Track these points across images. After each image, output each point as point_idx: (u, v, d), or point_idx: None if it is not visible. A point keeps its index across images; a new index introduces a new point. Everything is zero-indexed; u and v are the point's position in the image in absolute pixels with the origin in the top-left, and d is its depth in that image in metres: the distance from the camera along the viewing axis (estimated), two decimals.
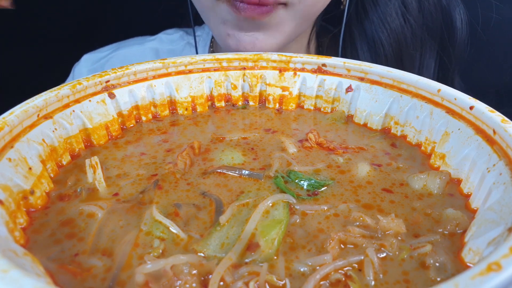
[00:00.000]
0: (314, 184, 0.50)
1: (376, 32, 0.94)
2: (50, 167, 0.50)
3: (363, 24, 0.96)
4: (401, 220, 0.43)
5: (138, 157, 0.56)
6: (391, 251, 0.41)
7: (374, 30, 0.94)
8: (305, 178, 0.51)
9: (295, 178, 0.51)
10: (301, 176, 0.51)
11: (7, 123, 0.45)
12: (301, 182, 0.50)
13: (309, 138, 0.59)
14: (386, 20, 0.93)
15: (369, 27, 0.95)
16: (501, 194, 0.42)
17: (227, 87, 0.70)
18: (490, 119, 0.47)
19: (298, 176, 0.51)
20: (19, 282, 0.28)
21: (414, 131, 0.59)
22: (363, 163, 0.54)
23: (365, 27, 0.96)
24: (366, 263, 0.39)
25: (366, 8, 0.95)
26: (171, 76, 0.66)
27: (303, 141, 0.59)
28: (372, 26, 0.94)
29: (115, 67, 0.62)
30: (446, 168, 0.53)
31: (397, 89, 0.61)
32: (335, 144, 0.59)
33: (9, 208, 0.41)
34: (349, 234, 0.42)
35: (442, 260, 0.39)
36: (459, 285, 0.27)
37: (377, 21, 0.94)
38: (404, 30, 0.94)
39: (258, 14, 0.74)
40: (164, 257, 0.38)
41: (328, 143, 0.59)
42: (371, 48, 0.95)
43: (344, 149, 0.58)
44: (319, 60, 0.67)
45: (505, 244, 0.31)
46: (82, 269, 0.38)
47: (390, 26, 0.93)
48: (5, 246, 0.35)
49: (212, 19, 0.82)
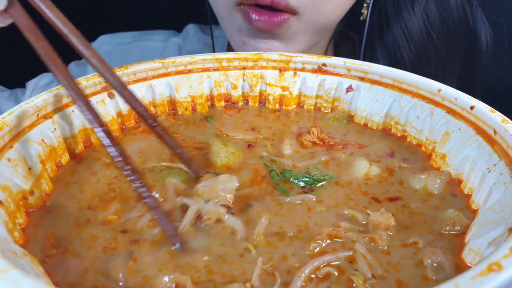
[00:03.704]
0: (308, 181, 0.51)
1: (399, 48, 0.89)
2: (49, 167, 0.50)
3: (385, 38, 0.91)
4: (390, 213, 0.44)
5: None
6: (380, 244, 0.41)
7: (397, 45, 0.89)
8: (299, 177, 0.51)
9: (289, 176, 0.51)
10: (295, 175, 0.51)
11: (7, 123, 0.45)
12: (295, 180, 0.51)
13: (312, 132, 0.60)
14: (410, 37, 0.88)
15: (391, 42, 0.90)
16: (501, 194, 0.42)
17: (227, 87, 0.70)
18: (490, 119, 0.47)
19: (293, 174, 0.51)
20: (19, 282, 0.28)
21: (414, 131, 0.59)
22: (362, 160, 0.54)
23: (387, 41, 0.90)
24: (358, 257, 0.39)
25: (390, 21, 0.90)
26: (170, 76, 0.66)
27: (303, 135, 0.60)
28: (395, 41, 0.89)
29: (135, 62, 0.63)
30: (446, 168, 0.52)
31: (398, 89, 0.61)
32: (336, 140, 0.60)
33: (9, 208, 0.41)
34: (338, 229, 0.43)
35: (439, 260, 0.39)
36: (460, 285, 0.27)
37: (400, 37, 0.88)
38: (428, 49, 0.88)
39: (270, 27, 0.73)
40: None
41: (330, 139, 0.59)
42: (391, 64, 0.90)
43: (344, 145, 0.59)
44: (319, 59, 0.67)
45: (506, 244, 0.31)
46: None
47: (413, 43, 0.88)
48: (4, 246, 0.35)
49: (228, 26, 0.81)
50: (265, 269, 0.38)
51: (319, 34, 0.82)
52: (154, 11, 1.30)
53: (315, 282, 0.37)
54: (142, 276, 0.38)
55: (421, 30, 0.87)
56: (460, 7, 0.87)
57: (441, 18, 0.87)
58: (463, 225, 0.43)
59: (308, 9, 0.73)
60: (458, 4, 0.87)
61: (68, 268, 0.39)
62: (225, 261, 0.40)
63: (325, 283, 0.37)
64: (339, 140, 0.60)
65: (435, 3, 0.87)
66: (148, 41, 1.13)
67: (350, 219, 0.45)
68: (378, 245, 0.41)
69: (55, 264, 0.39)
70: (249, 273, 0.38)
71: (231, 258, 0.40)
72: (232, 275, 0.38)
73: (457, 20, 0.88)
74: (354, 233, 0.43)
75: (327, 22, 0.79)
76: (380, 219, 0.43)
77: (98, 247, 0.41)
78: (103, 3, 1.24)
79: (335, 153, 0.57)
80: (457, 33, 0.89)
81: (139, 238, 0.42)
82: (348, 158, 0.56)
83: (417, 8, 0.87)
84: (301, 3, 0.72)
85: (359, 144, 0.59)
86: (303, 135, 0.60)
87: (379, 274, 0.38)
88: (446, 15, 0.87)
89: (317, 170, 0.52)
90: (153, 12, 1.30)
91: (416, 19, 0.87)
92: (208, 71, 0.68)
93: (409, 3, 0.87)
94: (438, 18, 0.87)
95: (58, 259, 0.39)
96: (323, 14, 0.76)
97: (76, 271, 0.38)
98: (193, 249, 0.41)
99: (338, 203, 0.48)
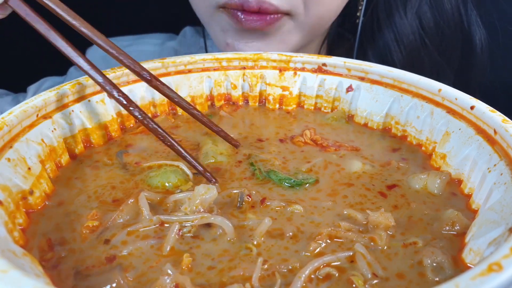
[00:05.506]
0: (293, 183, 0.50)
1: (389, 52, 0.87)
2: (49, 167, 0.50)
3: (376, 42, 0.89)
4: (389, 214, 0.44)
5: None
6: (380, 244, 0.41)
7: (388, 49, 0.87)
8: (284, 178, 0.51)
9: (274, 177, 0.51)
10: (281, 175, 0.51)
11: (6, 123, 0.45)
12: (281, 181, 0.51)
13: (305, 134, 0.60)
14: (401, 41, 0.86)
15: (382, 46, 0.88)
16: (502, 194, 0.42)
17: (227, 87, 0.70)
18: (491, 119, 0.47)
19: (278, 175, 0.51)
20: (19, 282, 0.28)
21: (414, 131, 0.59)
22: (355, 161, 0.54)
23: (378, 45, 0.88)
24: (358, 257, 0.39)
25: (381, 25, 0.87)
26: (170, 75, 0.66)
27: (295, 137, 0.60)
28: (386, 45, 0.87)
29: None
30: (446, 168, 0.52)
31: (398, 88, 0.61)
32: (329, 142, 0.59)
33: (8, 208, 0.41)
34: (338, 229, 0.43)
35: (439, 260, 0.39)
36: (460, 285, 0.27)
37: (391, 40, 0.86)
38: (421, 53, 0.86)
39: (261, 25, 0.71)
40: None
41: (323, 140, 0.59)
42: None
43: (337, 146, 0.58)
44: (319, 59, 0.67)
45: (506, 244, 0.31)
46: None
47: (404, 47, 0.86)
48: (4, 246, 0.35)
49: (212, 27, 0.80)
50: (265, 270, 0.38)
51: (309, 36, 0.81)
52: (153, 14, 1.30)
53: (315, 283, 0.37)
54: (143, 277, 0.38)
55: (414, 33, 0.86)
56: (455, 9, 0.86)
57: (435, 21, 0.86)
58: (463, 225, 0.43)
59: (300, 10, 0.73)
60: (452, 7, 0.85)
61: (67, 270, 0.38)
62: (225, 261, 0.40)
63: (325, 283, 0.37)
64: (332, 142, 0.60)
65: (429, 6, 0.85)
66: (144, 44, 1.12)
67: (349, 219, 0.45)
68: (378, 245, 0.41)
69: (53, 265, 0.39)
70: (249, 274, 0.38)
71: (231, 258, 0.40)
72: (232, 276, 0.38)
73: (452, 22, 0.86)
74: (354, 233, 0.43)
75: (321, 23, 0.78)
76: (379, 219, 0.43)
77: (99, 247, 0.41)
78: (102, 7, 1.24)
79: (327, 154, 0.57)
80: (451, 36, 0.88)
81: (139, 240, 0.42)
82: (339, 159, 0.56)
83: (409, 11, 0.85)
84: (293, 3, 0.71)
85: (353, 147, 0.59)
86: (296, 136, 0.61)
87: (379, 274, 0.38)
88: (441, 18, 0.86)
89: (305, 173, 0.52)
90: (152, 14, 1.30)
91: (408, 23, 0.85)
92: (208, 71, 0.68)
93: (401, 7, 0.85)
94: (432, 21, 0.85)
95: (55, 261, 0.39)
96: (316, 16, 0.75)
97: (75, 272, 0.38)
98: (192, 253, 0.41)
99: (332, 205, 0.47)
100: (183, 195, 0.46)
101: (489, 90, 0.93)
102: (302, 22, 0.75)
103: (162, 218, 0.43)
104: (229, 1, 0.71)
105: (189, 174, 0.51)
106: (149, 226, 0.43)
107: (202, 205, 0.44)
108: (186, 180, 0.50)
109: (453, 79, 0.92)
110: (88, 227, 0.43)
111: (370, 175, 0.53)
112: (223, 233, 0.42)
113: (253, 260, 0.39)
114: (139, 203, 0.45)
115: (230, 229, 0.42)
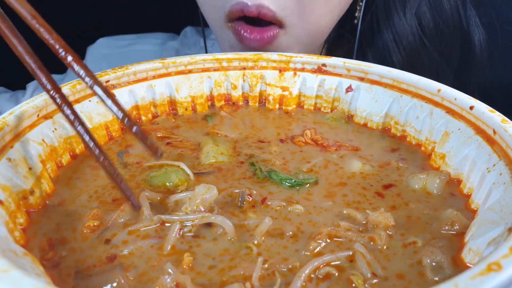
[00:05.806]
0: (294, 183, 0.50)
1: (389, 53, 0.87)
2: (50, 167, 0.50)
3: (375, 43, 0.88)
4: (389, 213, 0.44)
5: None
6: (380, 244, 0.41)
7: (387, 50, 0.87)
8: (285, 178, 0.51)
9: (275, 177, 0.51)
10: (281, 176, 0.51)
11: (7, 123, 0.45)
12: (282, 181, 0.51)
13: (305, 134, 0.60)
14: (400, 42, 0.85)
15: (381, 47, 0.88)
16: (501, 194, 0.42)
17: (227, 87, 0.70)
18: (490, 119, 0.48)
19: (279, 175, 0.51)
20: (19, 282, 0.28)
21: (414, 131, 0.59)
22: (354, 161, 0.54)
23: (378, 46, 0.88)
24: (357, 256, 0.39)
25: (380, 25, 0.87)
26: (171, 76, 0.66)
27: (295, 137, 0.61)
28: (385, 46, 0.87)
29: (132, 63, 0.63)
30: (446, 168, 0.53)
31: (397, 89, 0.61)
32: (329, 142, 0.60)
33: (9, 208, 0.41)
34: (337, 229, 0.43)
35: (438, 260, 0.39)
36: (459, 285, 0.27)
37: (390, 41, 0.86)
38: (420, 53, 0.86)
39: (261, 45, 0.72)
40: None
41: (323, 141, 0.59)
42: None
43: (337, 146, 0.59)
44: (319, 60, 0.67)
45: (505, 244, 0.31)
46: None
47: (404, 48, 0.86)
48: (5, 246, 0.35)
49: (221, 41, 0.81)
50: (265, 269, 0.38)
51: (311, 44, 0.80)
52: (154, 13, 1.30)
53: (315, 282, 0.37)
54: (143, 276, 0.38)
55: (413, 34, 0.85)
56: (454, 10, 0.86)
57: (435, 22, 0.86)
58: (462, 225, 0.44)
59: (295, 20, 0.72)
60: (452, 7, 0.85)
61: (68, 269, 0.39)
62: (225, 261, 0.40)
63: (325, 283, 0.37)
64: (332, 142, 0.60)
65: (428, 6, 0.85)
66: (145, 44, 1.12)
67: (349, 219, 0.45)
68: (377, 244, 0.41)
69: (54, 265, 0.39)
70: (249, 273, 0.38)
71: (232, 258, 0.40)
72: (233, 275, 0.38)
73: (451, 23, 0.86)
74: (353, 232, 0.43)
75: (317, 31, 0.78)
76: (379, 219, 0.44)
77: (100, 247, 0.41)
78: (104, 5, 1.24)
79: (328, 154, 0.57)
80: (450, 36, 0.88)
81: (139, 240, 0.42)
82: (340, 159, 0.56)
83: (408, 12, 0.85)
84: (288, 13, 0.71)
85: (353, 146, 0.59)
86: (296, 136, 0.61)
87: (378, 273, 0.38)
88: (440, 19, 0.85)
89: (305, 173, 0.52)
90: (152, 14, 1.29)
91: (407, 24, 0.85)
92: (208, 71, 0.68)
93: (401, 7, 0.85)
94: (431, 22, 0.85)
95: (56, 261, 0.40)
96: (312, 24, 0.75)
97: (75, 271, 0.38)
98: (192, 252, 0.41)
99: (332, 205, 0.47)
100: (184, 194, 0.46)
101: (488, 90, 0.93)
102: (297, 34, 0.75)
103: (163, 217, 0.43)
104: (231, 9, 0.71)
105: (190, 174, 0.51)
106: (150, 226, 0.43)
107: (202, 205, 0.44)
108: (187, 180, 0.50)
109: (452, 79, 0.92)
110: (88, 227, 0.43)
111: (370, 175, 0.53)
112: (223, 232, 0.42)
113: (253, 260, 0.39)
114: (140, 203, 0.45)
115: (230, 229, 0.42)
